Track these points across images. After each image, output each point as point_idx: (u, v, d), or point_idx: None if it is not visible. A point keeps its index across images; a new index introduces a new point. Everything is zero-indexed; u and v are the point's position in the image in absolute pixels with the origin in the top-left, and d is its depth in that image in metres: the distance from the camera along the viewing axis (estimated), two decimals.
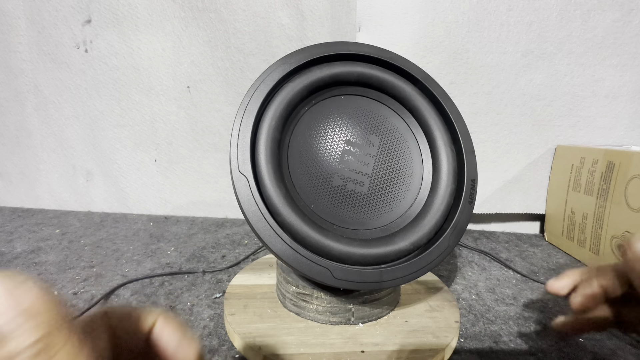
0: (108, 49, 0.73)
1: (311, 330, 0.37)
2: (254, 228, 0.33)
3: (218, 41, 0.71)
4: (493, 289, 0.51)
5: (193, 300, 0.46)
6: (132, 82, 0.75)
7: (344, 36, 0.66)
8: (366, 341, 0.36)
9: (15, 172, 0.83)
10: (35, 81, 0.77)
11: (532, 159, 0.71)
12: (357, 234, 0.36)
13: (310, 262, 0.33)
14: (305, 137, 0.37)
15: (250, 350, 0.35)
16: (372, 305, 0.39)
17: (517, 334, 0.41)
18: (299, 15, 0.67)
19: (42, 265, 0.55)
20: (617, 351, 0.39)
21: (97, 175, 0.81)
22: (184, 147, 0.77)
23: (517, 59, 0.66)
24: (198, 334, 0.39)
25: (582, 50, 0.66)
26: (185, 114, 0.75)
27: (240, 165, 0.34)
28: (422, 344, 0.36)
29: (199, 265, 0.56)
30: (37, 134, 0.80)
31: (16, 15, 0.74)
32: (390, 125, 0.39)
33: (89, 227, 0.72)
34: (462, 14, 0.64)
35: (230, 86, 0.73)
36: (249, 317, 0.39)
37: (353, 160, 0.38)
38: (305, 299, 0.39)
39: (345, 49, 0.39)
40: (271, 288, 0.45)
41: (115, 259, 0.58)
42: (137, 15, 0.71)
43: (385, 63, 0.40)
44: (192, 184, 0.79)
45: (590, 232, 0.59)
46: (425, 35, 0.65)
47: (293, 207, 0.34)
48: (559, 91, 0.68)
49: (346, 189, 0.37)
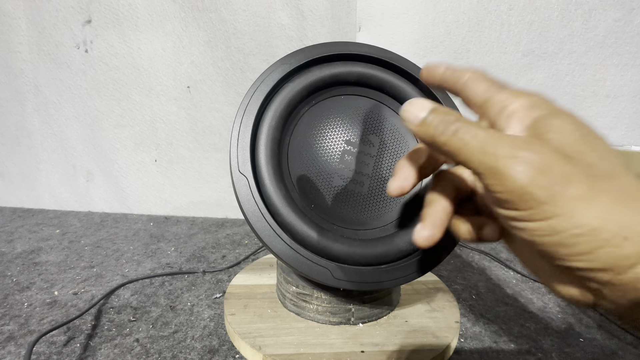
0: (108, 49, 0.73)
1: (311, 330, 0.37)
2: (254, 228, 0.33)
3: (218, 41, 0.71)
4: (493, 289, 0.51)
5: (193, 300, 0.46)
6: (133, 82, 0.75)
7: (344, 36, 0.66)
8: (366, 341, 0.36)
9: (16, 172, 0.83)
10: (35, 81, 0.77)
11: None
12: (357, 234, 0.36)
13: (310, 262, 0.33)
14: (305, 137, 0.37)
15: (250, 350, 0.35)
16: (372, 305, 0.39)
17: (517, 334, 0.41)
18: (299, 15, 0.67)
19: (42, 265, 0.55)
20: (617, 351, 0.38)
21: (97, 176, 0.81)
22: (184, 147, 0.77)
23: (517, 59, 0.66)
24: (198, 334, 0.39)
25: (583, 49, 0.66)
26: (186, 114, 0.75)
27: (240, 165, 0.34)
28: (422, 344, 0.36)
29: (199, 265, 0.56)
30: (38, 134, 0.80)
31: (16, 16, 0.74)
32: (390, 125, 0.39)
33: (89, 227, 0.72)
34: (463, 14, 0.64)
35: (230, 86, 0.73)
36: (249, 317, 0.39)
37: (353, 160, 0.38)
38: (305, 299, 0.39)
39: (345, 49, 0.39)
40: (271, 288, 0.45)
41: (115, 259, 0.58)
42: (137, 16, 0.71)
43: (385, 63, 0.40)
44: (192, 184, 0.79)
45: None
46: (425, 35, 0.65)
47: (293, 207, 0.34)
48: (559, 91, 0.67)
49: (346, 189, 0.37)
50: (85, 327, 0.40)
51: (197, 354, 0.36)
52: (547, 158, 0.17)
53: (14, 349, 0.37)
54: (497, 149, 0.18)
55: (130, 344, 0.38)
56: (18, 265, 0.55)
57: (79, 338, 0.38)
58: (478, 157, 0.18)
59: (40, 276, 0.52)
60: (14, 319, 0.42)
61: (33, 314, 0.43)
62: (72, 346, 0.37)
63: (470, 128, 0.19)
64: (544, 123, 0.19)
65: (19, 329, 0.40)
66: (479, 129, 0.19)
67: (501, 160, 0.17)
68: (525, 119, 0.20)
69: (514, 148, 0.17)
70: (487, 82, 0.23)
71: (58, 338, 0.38)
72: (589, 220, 0.16)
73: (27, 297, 0.46)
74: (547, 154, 0.17)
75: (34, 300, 0.46)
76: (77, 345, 0.37)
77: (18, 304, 0.45)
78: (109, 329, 0.40)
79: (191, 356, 0.36)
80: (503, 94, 0.21)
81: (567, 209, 0.16)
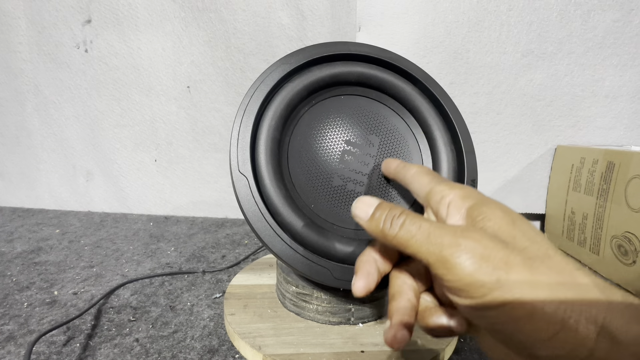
0: (108, 49, 0.73)
1: (311, 330, 0.37)
2: (254, 228, 0.33)
3: (218, 41, 0.71)
4: None
5: (193, 300, 0.46)
6: (132, 82, 0.75)
7: (344, 36, 0.66)
8: (366, 341, 0.36)
9: (15, 172, 0.83)
10: (35, 81, 0.77)
11: (532, 159, 0.71)
12: (357, 234, 0.36)
13: (310, 262, 0.33)
14: (305, 137, 0.37)
15: (250, 350, 0.35)
16: (372, 305, 0.39)
17: None
18: (299, 15, 0.67)
19: (42, 265, 0.55)
20: None
21: (97, 175, 0.81)
22: (184, 147, 0.77)
23: (517, 59, 0.66)
24: (198, 334, 0.39)
25: (582, 50, 0.66)
26: (185, 114, 0.75)
27: (240, 165, 0.34)
28: (421, 344, 0.36)
29: (199, 265, 0.56)
30: (37, 134, 0.80)
31: (16, 15, 0.74)
32: (390, 125, 0.39)
33: (89, 227, 0.72)
34: (462, 14, 0.64)
35: (230, 86, 0.73)
36: (249, 317, 0.39)
37: (353, 160, 0.38)
38: (305, 299, 0.39)
39: (345, 49, 0.39)
40: (271, 288, 0.45)
41: (115, 259, 0.58)
42: (137, 15, 0.71)
43: (385, 63, 0.40)
44: (192, 184, 0.79)
45: (590, 232, 0.59)
46: (425, 35, 0.65)
47: (293, 207, 0.34)
48: (559, 91, 0.68)
49: (346, 189, 0.37)
50: (85, 326, 0.40)
51: (197, 353, 0.36)
52: (486, 245, 0.18)
53: (14, 349, 0.37)
54: (441, 239, 0.19)
55: (130, 344, 0.38)
56: (18, 265, 0.55)
57: (79, 338, 0.38)
58: (425, 248, 0.19)
59: (40, 276, 0.52)
60: (13, 318, 0.42)
61: (33, 313, 0.43)
62: (71, 346, 0.37)
63: (414, 220, 0.21)
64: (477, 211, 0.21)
65: (19, 328, 0.40)
66: (422, 221, 0.20)
67: (446, 249, 0.18)
68: (461, 207, 0.22)
69: (455, 237, 0.19)
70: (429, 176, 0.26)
71: (58, 338, 0.38)
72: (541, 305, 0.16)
73: (27, 297, 0.46)
74: (485, 241, 0.18)
75: (34, 300, 0.46)
76: (77, 345, 0.37)
77: (18, 304, 0.45)
78: (109, 328, 0.40)
79: (191, 356, 0.36)
80: (441, 185, 0.24)
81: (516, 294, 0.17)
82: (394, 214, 0.21)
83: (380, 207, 0.23)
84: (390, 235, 0.21)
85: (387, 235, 0.21)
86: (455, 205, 0.22)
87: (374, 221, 0.22)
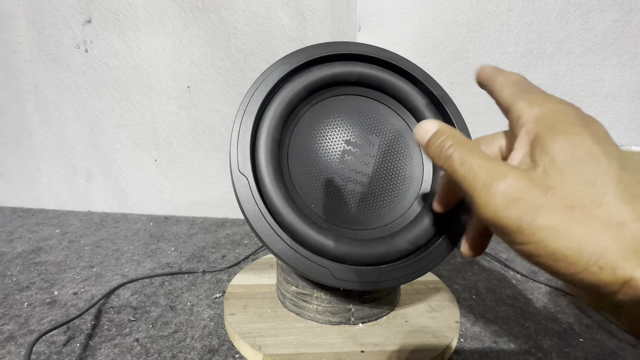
0: (108, 49, 0.73)
1: (311, 330, 0.37)
2: (254, 228, 0.33)
3: (218, 41, 0.71)
4: (493, 289, 0.51)
5: (193, 300, 0.46)
6: (132, 82, 0.75)
7: (344, 36, 0.66)
8: (366, 341, 0.36)
9: (15, 172, 0.83)
10: (35, 81, 0.77)
11: None
12: (357, 234, 0.36)
13: (310, 262, 0.33)
14: (306, 137, 0.37)
15: (250, 350, 0.35)
16: (372, 305, 0.39)
17: (517, 334, 0.41)
18: (299, 15, 0.67)
19: (42, 265, 0.55)
20: (617, 351, 0.39)
21: (97, 175, 0.81)
22: (184, 147, 0.77)
23: (517, 59, 0.66)
24: (198, 334, 0.39)
25: (582, 50, 0.66)
26: (186, 114, 0.75)
27: (240, 165, 0.34)
28: (422, 344, 0.36)
29: (199, 265, 0.56)
30: (37, 134, 0.80)
31: (16, 16, 0.74)
32: (390, 125, 0.39)
33: (89, 227, 0.72)
34: (462, 14, 0.64)
35: (230, 86, 0.73)
36: (249, 317, 0.39)
37: (353, 160, 0.38)
38: (305, 299, 0.39)
39: (345, 49, 0.39)
40: (271, 288, 0.45)
41: (115, 259, 0.58)
42: (137, 15, 0.71)
43: (385, 63, 0.40)
44: (192, 184, 0.79)
45: None
46: (425, 35, 0.65)
47: (293, 207, 0.34)
48: (558, 91, 0.68)
49: (346, 189, 0.37)
50: (85, 326, 0.40)
51: (197, 353, 0.36)
52: (520, 190, 0.18)
53: (14, 349, 0.37)
54: (476, 180, 0.19)
55: (130, 344, 0.38)
56: (18, 265, 0.55)
57: (79, 338, 0.38)
58: (464, 184, 0.20)
59: (40, 276, 0.52)
60: (13, 318, 0.42)
61: (33, 313, 0.43)
62: (72, 346, 0.37)
63: (461, 154, 0.21)
64: (541, 141, 0.19)
65: (19, 328, 0.40)
66: (468, 155, 0.20)
67: (477, 190, 0.19)
68: (530, 132, 0.20)
69: (490, 178, 0.19)
70: (513, 88, 0.23)
71: (58, 338, 0.38)
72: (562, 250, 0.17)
73: (27, 297, 0.46)
74: (521, 185, 0.18)
75: (34, 300, 0.46)
76: (77, 345, 0.37)
77: (18, 304, 0.45)
78: (109, 328, 0.40)
79: (191, 356, 0.36)
80: (522, 102, 0.22)
81: (537, 238, 0.17)
82: (444, 144, 0.22)
83: (436, 134, 0.23)
84: (439, 163, 0.22)
85: (437, 163, 0.22)
86: (526, 130, 0.20)
87: (429, 147, 0.23)
